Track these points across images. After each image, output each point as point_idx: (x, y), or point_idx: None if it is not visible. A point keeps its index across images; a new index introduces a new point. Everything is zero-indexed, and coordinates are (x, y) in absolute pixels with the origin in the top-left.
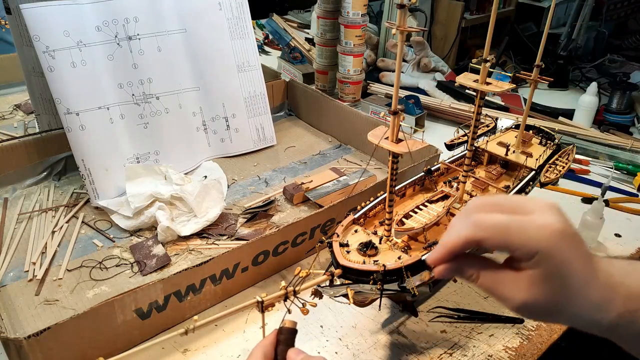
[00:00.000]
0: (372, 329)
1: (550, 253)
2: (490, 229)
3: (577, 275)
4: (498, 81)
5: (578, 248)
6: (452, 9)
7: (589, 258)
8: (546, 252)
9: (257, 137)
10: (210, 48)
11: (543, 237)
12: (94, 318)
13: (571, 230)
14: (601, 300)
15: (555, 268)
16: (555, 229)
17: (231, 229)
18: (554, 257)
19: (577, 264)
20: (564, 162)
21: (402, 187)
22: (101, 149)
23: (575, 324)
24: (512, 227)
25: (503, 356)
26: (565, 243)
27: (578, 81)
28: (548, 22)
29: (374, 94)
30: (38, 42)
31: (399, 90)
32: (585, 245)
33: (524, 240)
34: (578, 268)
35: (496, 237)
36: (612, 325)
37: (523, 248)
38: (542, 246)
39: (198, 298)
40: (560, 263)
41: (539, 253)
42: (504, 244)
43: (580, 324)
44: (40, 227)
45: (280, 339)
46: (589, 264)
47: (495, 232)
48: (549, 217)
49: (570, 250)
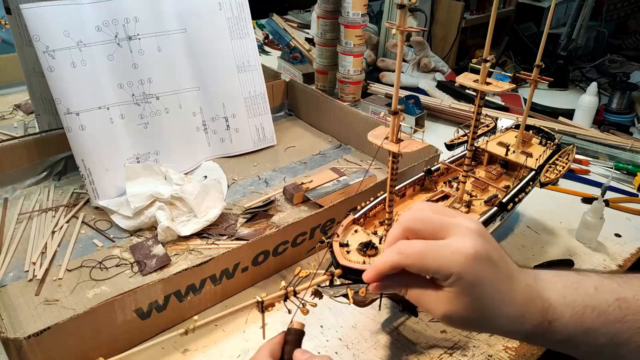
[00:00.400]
0: (372, 329)
1: (463, 276)
2: (410, 257)
3: (491, 295)
4: (498, 81)
5: (492, 270)
6: (452, 9)
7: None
8: (459, 275)
9: (257, 137)
10: (210, 48)
11: (456, 261)
12: (94, 318)
13: (486, 253)
14: (517, 314)
15: (468, 289)
16: (468, 254)
17: (231, 229)
18: (466, 279)
19: (490, 285)
20: (564, 162)
21: (402, 187)
22: (101, 149)
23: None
24: (429, 254)
25: (503, 356)
26: (477, 266)
27: (578, 81)
28: (548, 22)
29: (374, 94)
30: (38, 42)
31: (399, 90)
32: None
33: (439, 265)
34: (492, 288)
35: (416, 263)
36: (530, 335)
37: (438, 272)
38: (454, 270)
39: (198, 298)
40: (473, 285)
41: (452, 275)
42: (423, 269)
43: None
44: (40, 227)
45: (288, 339)
46: (504, 283)
47: (415, 259)
48: (464, 241)
49: (483, 273)
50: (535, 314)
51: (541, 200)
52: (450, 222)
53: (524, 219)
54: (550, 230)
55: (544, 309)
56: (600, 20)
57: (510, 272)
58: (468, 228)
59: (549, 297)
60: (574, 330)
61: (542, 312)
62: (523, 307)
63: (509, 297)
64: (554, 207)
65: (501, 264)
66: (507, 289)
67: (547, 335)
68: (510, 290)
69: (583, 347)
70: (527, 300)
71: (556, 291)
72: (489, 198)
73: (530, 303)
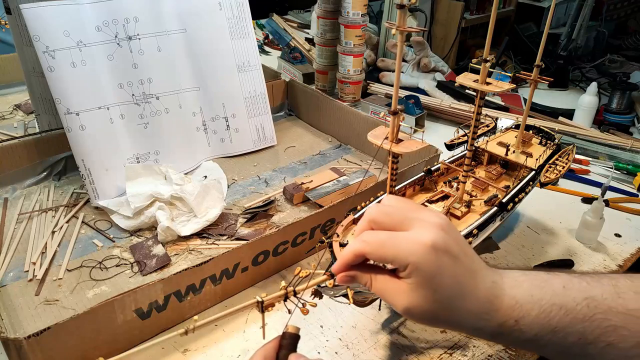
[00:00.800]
0: (372, 329)
1: (419, 266)
2: (371, 245)
3: (450, 287)
4: (498, 81)
5: (452, 263)
6: (452, 9)
7: (467, 272)
8: (415, 265)
9: (257, 137)
10: (211, 48)
11: (412, 251)
12: (94, 318)
13: (444, 246)
14: (480, 310)
15: (424, 280)
16: (426, 244)
17: (231, 229)
18: (423, 270)
19: (449, 277)
20: (564, 162)
21: (402, 187)
22: (101, 149)
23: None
24: (387, 243)
25: (503, 356)
26: (435, 258)
27: (578, 81)
28: (548, 22)
29: (374, 94)
30: (38, 42)
31: (399, 90)
32: (464, 260)
33: (396, 254)
34: (451, 281)
35: (376, 252)
36: (495, 333)
37: (395, 261)
38: (411, 260)
39: (198, 298)
40: (431, 276)
41: (409, 266)
42: (382, 257)
43: (464, 330)
44: (40, 227)
45: (283, 343)
46: (467, 278)
47: (375, 247)
48: (424, 232)
49: (441, 265)
50: (501, 312)
51: (541, 200)
52: (413, 216)
53: (524, 219)
54: (550, 230)
55: (510, 307)
56: (600, 20)
57: (474, 267)
58: (430, 222)
59: (516, 295)
60: (540, 329)
61: (508, 310)
62: (487, 304)
63: (471, 291)
64: (554, 207)
65: (463, 258)
66: (468, 284)
67: (513, 334)
68: (472, 285)
69: (551, 347)
70: (491, 297)
71: (523, 289)
72: (489, 198)
73: (495, 300)
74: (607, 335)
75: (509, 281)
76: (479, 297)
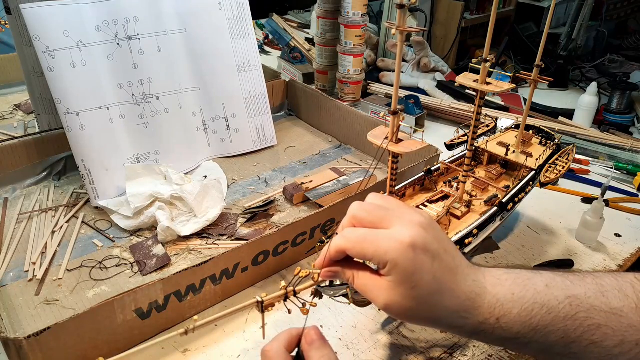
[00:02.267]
0: (372, 329)
1: (397, 263)
2: (351, 241)
3: (429, 285)
4: (498, 81)
5: (430, 260)
6: (452, 9)
7: (447, 270)
8: (394, 262)
9: (257, 137)
10: (211, 48)
11: (391, 249)
12: (94, 318)
13: (423, 244)
14: (460, 308)
15: (403, 277)
16: (405, 242)
17: (231, 229)
18: (401, 267)
19: (428, 275)
20: (564, 162)
21: (402, 187)
22: (101, 149)
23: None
24: (367, 239)
25: (503, 356)
26: (413, 255)
27: (578, 81)
28: (548, 22)
29: (374, 94)
30: (38, 42)
31: (399, 90)
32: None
33: (375, 252)
34: (430, 278)
35: (355, 248)
36: (476, 331)
37: (374, 258)
38: (389, 257)
39: (198, 298)
40: (409, 273)
41: (388, 263)
42: (361, 254)
43: (443, 327)
44: (40, 227)
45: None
46: (447, 276)
47: (355, 243)
48: (403, 230)
49: (420, 262)
50: (481, 310)
51: (541, 200)
52: (394, 214)
53: (524, 219)
54: (550, 230)
55: (491, 305)
56: (600, 20)
57: (455, 266)
58: (410, 220)
59: (497, 293)
60: (522, 327)
61: (488, 308)
62: (467, 302)
63: (450, 289)
64: (554, 207)
65: (443, 256)
66: (448, 281)
67: (495, 332)
68: (452, 283)
69: (533, 345)
70: (472, 295)
71: (505, 287)
72: (489, 198)
73: (476, 298)
74: (590, 334)
75: (491, 279)
76: (459, 295)
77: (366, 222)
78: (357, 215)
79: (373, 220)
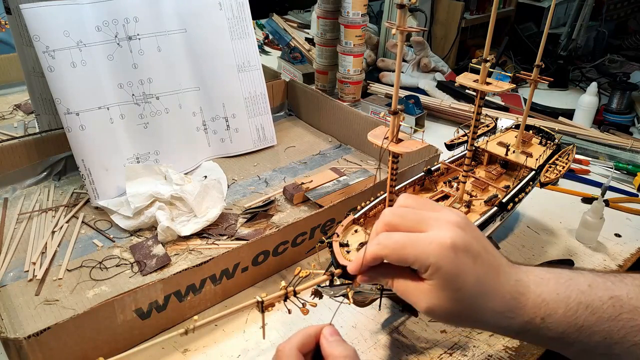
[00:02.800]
0: (372, 329)
1: (440, 266)
2: (389, 248)
3: (473, 286)
4: (498, 81)
5: (473, 262)
6: (452, 9)
7: (490, 270)
8: (437, 266)
9: (257, 137)
10: (211, 48)
11: (433, 252)
12: (94, 318)
13: (464, 245)
14: (505, 308)
15: (446, 280)
16: (445, 244)
17: (231, 229)
18: (445, 270)
19: (471, 277)
20: (564, 162)
21: (402, 187)
22: (101, 149)
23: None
24: (406, 245)
25: (503, 356)
26: (455, 257)
27: (578, 81)
28: (548, 22)
29: (374, 94)
30: (38, 42)
31: (399, 90)
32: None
33: (416, 256)
34: (473, 280)
35: (395, 254)
36: (521, 331)
37: (416, 263)
38: (432, 261)
39: (198, 298)
40: (452, 275)
41: (431, 266)
42: (402, 260)
43: (488, 328)
44: (40, 227)
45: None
46: (490, 276)
47: (394, 250)
48: (441, 232)
49: (462, 264)
50: (526, 310)
51: (541, 200)
52: (430, 216)
53: (524, 219)
54: (550, 230)
55: (536, 305)
56: (600, 20)
57: (497, 265)
58: (447, 220)
59: (542, 292)
60: (567, 327)
61: (534, 307)
62: (512, 302)
63: (495, 290)
64: (554, 207)
65: (484, 256)
66: (492, 282)
67: (540, 332)
68: (496, 283)
69: (577, 345)
70: (516, 294)
71: (549, 287)
72: (489, 198)
73: (520, 297)
74: (632, 335)
75: (533, 278)
76: (503, 296)
77: (402, 227)
78: (392, 221)
79: (409, 225)
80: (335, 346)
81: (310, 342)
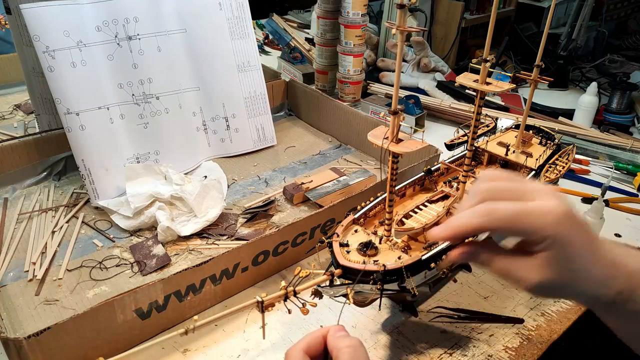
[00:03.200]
0: (372, 329)
1: (557, 236)
2: (500, 220)
3: (581, 255)
4: (498, 81)
5: (581, 230)
6: (452, 9)
7: (592, 238)
8: (553, 236)
9: (257, 137)
10: (211, 48)
11: (550, 222)
12: (94, 318)
13: (572, 213)
14: (604, 277)
15: (562, 250)
16: (560, 213)
17: (231, 229)
18: (560, 240)
19: (581, 245)
20: (564, 162)
21: (402, 187)
22: (101, 149)
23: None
24: (521, 215)
25: (503, 356)
26: (569, 226)
27: (578, 81)
28: (548, 22)
29: (374, 94)
30: (38, 42)
31: (399, 90)
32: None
33: (534, 227)
34: (582, 248)
35: (507, 226)
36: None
37: (533, 234)
38: (549, 231)
39: (198, 298)
40: (567, 245)
41: (548, 237)
42: (516, 231)
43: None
44: (40, 227)
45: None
46: (593, 244)
47: (506, 221)
48: (552, 202)
49: (574, 232)
50: (618, 281)
51: None
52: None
53: None
54: None
55: (628, 276)
56: (600, 20)
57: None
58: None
59: (630, 264)
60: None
61: (625, 278)
62: (611, 269)
63: (598, 258)
64: None
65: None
66: (596, 250)
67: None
68: (599, 251)
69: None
70: (614, 263)
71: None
72: None
73: (616, 266)
74: None
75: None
76: (605, 264)
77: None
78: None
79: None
80: (340, 340)
81: (318, 343)
